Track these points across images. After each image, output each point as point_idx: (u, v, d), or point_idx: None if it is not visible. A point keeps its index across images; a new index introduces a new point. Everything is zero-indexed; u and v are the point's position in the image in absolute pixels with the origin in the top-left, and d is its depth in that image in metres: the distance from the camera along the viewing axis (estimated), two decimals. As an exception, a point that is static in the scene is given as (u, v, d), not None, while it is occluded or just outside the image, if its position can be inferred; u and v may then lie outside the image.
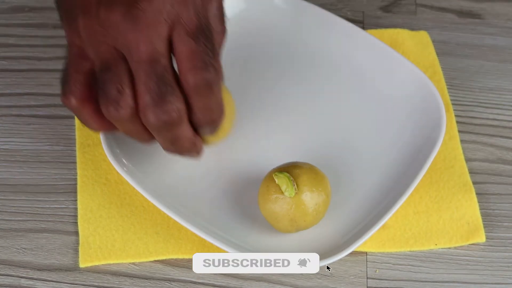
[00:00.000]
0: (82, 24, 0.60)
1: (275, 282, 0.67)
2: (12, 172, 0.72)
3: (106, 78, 0.59)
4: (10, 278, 0.66)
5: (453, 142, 0.74)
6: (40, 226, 0.69)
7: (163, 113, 0.59)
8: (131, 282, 0.66)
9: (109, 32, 0.59)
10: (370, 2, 0.86)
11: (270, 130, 0.74)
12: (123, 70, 0.59)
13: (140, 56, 0.59)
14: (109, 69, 0.59)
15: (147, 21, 0.58)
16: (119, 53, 0.60)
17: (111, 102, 0.59)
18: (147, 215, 0.69)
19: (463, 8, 0.86)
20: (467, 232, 0.69)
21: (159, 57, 0.59)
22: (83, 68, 0.61)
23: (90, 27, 0.60)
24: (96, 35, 0.59)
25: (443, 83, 0.79)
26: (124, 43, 0.59)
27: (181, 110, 0.60)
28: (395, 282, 0.67)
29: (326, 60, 0.78)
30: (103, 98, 0.60)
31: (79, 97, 0.61)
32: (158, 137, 0.62)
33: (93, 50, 0.60)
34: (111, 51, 0.60)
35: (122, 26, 0.58)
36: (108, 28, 0.59)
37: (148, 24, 0.58)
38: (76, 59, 0.61)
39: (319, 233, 0.68)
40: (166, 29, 0.59)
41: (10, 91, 0.77)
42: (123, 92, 0.59)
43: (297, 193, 0.66)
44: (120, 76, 0.59)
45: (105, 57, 0.60)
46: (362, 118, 0.75)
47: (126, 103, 0.59)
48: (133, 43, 0.59)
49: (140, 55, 0.59)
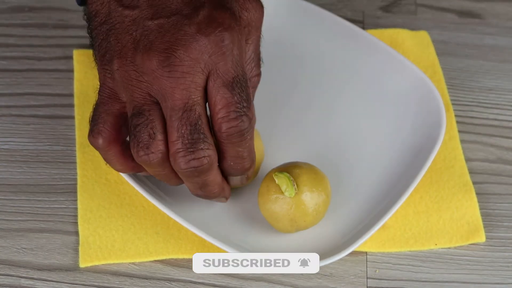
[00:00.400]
0: (117, 67, 0.61)
1: (275, 282, 0.67)
2: (12, 172, 0.72)
3: (138, 122, 0.60)
4: (10, 278, 0.66)
5: (453, 142, 0.74)
6: (40, 226, 0.69)
7: (194, 160, 0.60)
8: (131, 282, 0.66)
9: (144, 78, 0.60)
10: (370, 2, 0.86)
11: (270, 130, 0.74)
12: (156, 116, 0.60)
13: (175, 103, 0.59)
14: (142, 114, 0.60)
15: (184, 69, 0.59)
16: (153, 99, 0.60)
17: (141, 146, 0.60)
18: (147, 215, 0.69)
19: (463, 8, 0.86)
20: (467, 232, 0.69)
21: (193, 105, 0.60)
22: (113, 110, 0.62)
23: (125, 71, 0.60)
24: (130, 79, 0.60)
25: (443, 83, 0.79)
26: (159, 89, 0.60)
27: (212, 157, 0.61)
28: (395, 282, 0.67)
29: (325, 60, 0.78)
30: (134, 142, 0.61)
31: (106, 138, 0.62)
32: (187, 182, 0.63)
33: (127, 94, 0.61)
34: (145, 97, 0.60)
35: (158, 73, 0.59)
36: (143, 74, 0.60)
37: (184, 73, 0.59)
38: (107, 100, 0.62)
39: (319, 233, 0.68)
40: (203, 78, 0.60)
41: (10, 91, 0.77)
42: (155, 137, 0.60)
43: (297, 193, 0.66)
44: (153, 121, 0.60)
45: (138, 102, 0.60)
46: (362, 118, 0.75)
47: (157, 148, 0.60)
48: (168, 90, 0.59)
49: (175, 102, 0.59)
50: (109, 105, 0.62)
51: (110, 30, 0.61)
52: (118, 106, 0.62)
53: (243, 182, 0.66)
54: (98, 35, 0.62)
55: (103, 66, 0.62)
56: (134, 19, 0.61)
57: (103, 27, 0.62)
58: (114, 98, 0.62)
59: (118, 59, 0.61)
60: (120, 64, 0.61)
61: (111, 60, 0.61)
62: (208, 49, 0.59)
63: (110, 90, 0.62)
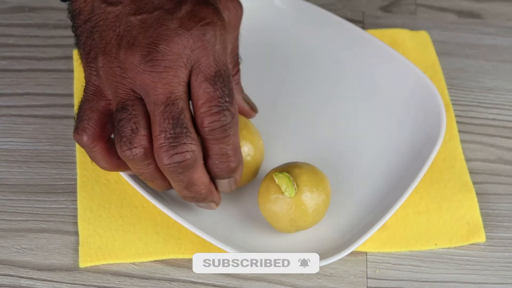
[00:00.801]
0: (101, 64, 0.61)
1: (275, 282, 0.67)
2: (12, 172, 0.72)
3: (122, 117, 0.60)
4: (10, 278, 0.66)
5: (453, 142, 0.74)
6: (40, 226, 0.69)
7: (177, 155, 0.60)
8: (131, 282, 0.66)
9: (128, 74, 0.60)
10: (370, 2, 0.86)
11: (270, 130, 0.74)
12: (139, 111, 0.60)
13: (157, 98, 0.59)
14: (125, 109, 0.60)
15: (166, 64, 0.59)
16: (136, 95, 0.60)
17: (124, 141, 0.60)
18: (147, 215, 0.69)
19: (463, 8, 0.86)
20: (467, 232, 0.69)
21: (176, 99, 0.60)
22: (98, 107, 0.62)
23: (109, 68, 0.60)
24: (115, 75, 0.60)
25: (443, 83, 0.79)
26: (142, 84, 0.60)
27: (196, 152, 0.60)
28: (395, 282, 0.67)
29: (325, 60, 0.78)
30: (117, 137, 0.61)
31: (91, 135, 0.62)
32: (172, 180, 0.62)
33: (111, 90, 0.61)
34: (128, 92, 0.60)
35: (141, 67, 0.59)
36: (126, 70, 0.60)
37: (167, 67, 0.59)
38: (92, 97, 0.62)
39: (319, 233, 0.68)
40: (185, 73, 0.60)
41: (10, 91, 0.77)
42: (137, 132, 0.60)
43: (297, 193, 0.66)
44: (136, 116, 0.60)
45: (122, 97, 0.60)
46: (362, 118, 0.75)
47: (139, 143, 0.60)
48: (151, 85, 0.59)
49: (158, 97, 0.59)
50: (94, 102, 0.62)
51: (94, 27, 0.61)
52: (104, 103, 0.62)
53: (232, 187, 0.65)
54: (82, 33, 0.62)
55: (88, 64, 0.62)
56: (117, 15, 0.60)
57: (87, 25, 0.61)
58: (99, 95, 0.62)
59: (102, 56, 0.61)
60: (105, 61, 0.60)
61: (95, 58, 0.61)
62: (190, 44, 0.59)
63: (95, 88, 0.62)
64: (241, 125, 0.68)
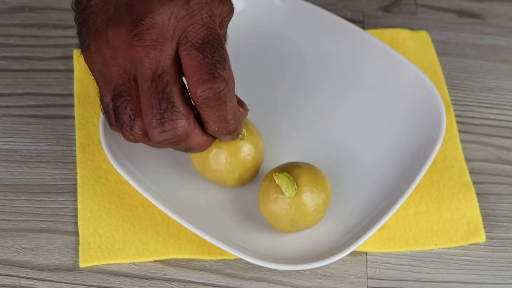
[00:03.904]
0: (93, 49, 0.60)
1: (275, 282, 0.67)
2: (12, 172, 0.72)
3: (118, 104, 0.60)
4: (10, 278, 0.66)
5: (453, 142, 0.74)
6: (40, 226, 0.69)
7: (165, 132, 0.60)
8: (131, 282, 0.66)
9: (118, 53, 0.59)
10: (370, 2, 0.86)
11: (270, 130, 0.74)
12: (134, 93, 0.60)
13: (145, 72, 0.59)
14: (120, 95, 0.60)
15: (152, 37, 0.59)
16: (129, 75, 0.60)
17: (125, 127, 0.61)
18: (147, 215, 0.69)
19: (463, 8, 0.86)
20: (467, 232, 0.69)
21: (162, 73, 0.59)
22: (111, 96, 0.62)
23: (100, 51, 0.60)
24: (106, 58, 0.60)
25: (443, 83, 0.79)
26: (131, 60, 0.59)
27: (185, 128, 0.60)
28: (395, 282, 0.67)
29: (325, 60, 0.78)
30: (118, 124, 0.61)
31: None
32: (173, 148, 0.63)
33: (106, 74, 0.61)
34: (121, 75, 0.60)
35: (129, 43, 0.59)
36: (116, 49, 0.59)
37: (153, 40, 0.59)
38: (104, 87, 0.62)
39: (319, 233, 0.68)
40: (172, 45, 0.59)
41: (10, 91, 0.77)
42: (135, 118, 0.60)
43: (297, 193, 0.66)
44: (131, 101, 0.60)
45: (116, 81, 0.60)
46: (362, 118, 0.75)
47: (139, 128, 0.60)
48: (138, 60, 0.59)
49: (145, 71, 0.59)
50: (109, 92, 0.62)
51: (90, 14, 0.61)
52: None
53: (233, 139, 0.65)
54: (81, 21, 0.62)
55: (84, 53, 0.61)
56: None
57: (85, 13, 0.61)
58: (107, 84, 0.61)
59: (93, 41, 0.60)
60: (96, 46, 0.60)
61: (89, 45, 0.61)
62: (175, 13, 0.58)
63: (101, 77, 0.61)
64: None
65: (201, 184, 0.71)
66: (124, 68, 0.60)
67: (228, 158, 0.68)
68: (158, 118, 0.59)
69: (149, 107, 0.59)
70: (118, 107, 0.60)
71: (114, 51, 0.59)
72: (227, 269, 0.67)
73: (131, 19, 0.59)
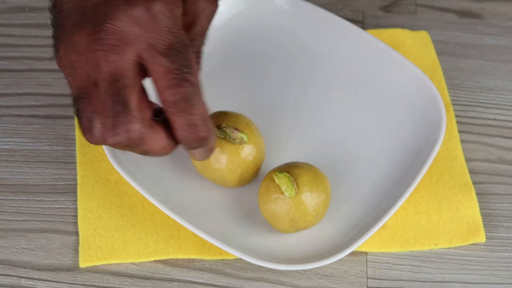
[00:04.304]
0: (62, 53, 0.60)
1: (275, 282, 0.67)
2: (12, 172, 0.72)
3: (79, 107, 0.60)
4: (10, 278, 0.66)
5: (453, 142, 0.74)
6: (40, 226, 0.69)
7: (118, 135, 0.59)
8: (131, 282, 0.66)
9: (81, 57, 0.59)
10: (370, 2, 0.86)
11: (270, 130, 0.74)
12: (94, 98, 0.59)
13: (103, 76, 0.59)
14: (80, 97, 0.60)
15: (112, 42, 0.58)
16: (91, 79, 0.59)
17: (86, 131, 0.60)
18: (147, 215, 0.69)
19: (463, 8, 0.86)
20: (467, 232, 0.69)
21: (120, 77, 0.59)
22: None
23: (67, 55, 0.60)
24: (72, 62, 0.60)
25: (443, 83, 0.79)
26: (92, 64, 0.59)
27: (138, 132, 0.59)
28: (395, 282, 0.67)
29: (325, 60, 0.78)
30: (80, 126, 0.60)
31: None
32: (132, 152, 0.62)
33: (71, 78, 0.60)
34: (84, 78, 0.60)
35: (89, 47, 0.59)
36: (79, 53, 0.59)
37: (113, 45, 0.58)
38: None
39: (319, 233, 0.68)
40: (133, 50, 0.59)
41: (10, 91, 0.77)
42: (93, 121, 0.59)
43: (297, 193, 0.66)
44: (90, 104, 0.59)
45: (79, 84, 0.60)
46: (362, 118, 0.75)
47: (97, 131, 0.59)
48: (98, 64, 0.59)
49: (103, 75, 0.59)
50: None
51: (63, 18, 0.61)
52: None
53: (206, 155, 0.64)
54: (55, 25, 0.61)
55: (56, 56, 0.61)
56: (76, 2, 0.60)
57: (59, 16, 0.61)
58: None
59: (62, 45, 0.60)
60: (64, 49, 0.60)
61: (58, 48, 0.61)
62: (137, 20, 0.58)
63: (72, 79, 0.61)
64: (243, 125, 0.68)
65: (201, 184, 0.71)
66: (87, 72, 0.59)
67: (230, 158, 0.68)
68: (112, 120, 0.59)
69: (103, 109, 0.59)
70: (78, 109, 0.60)
71: (79, 55, 0.59)
72: (227, 269, 0.67)
73: (93, 23, 0.59)
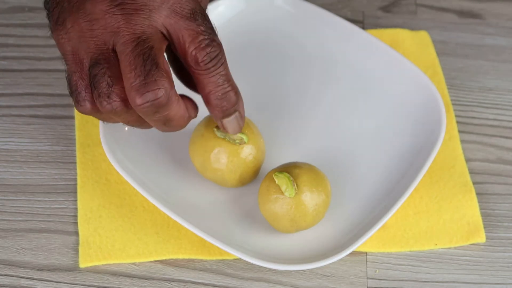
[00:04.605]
0: (70, 24, 0.60)
1: (275, 282, 0.67)
2: (12, 172, 0.72)
3: (96, 72, 0.59)
4: (10, 278, 0.66)
5: (453, 142, 0.74)
6: (40, 226, 0.69)
7: (149, 92, 0.59)
8: (131, 282, 0.66)
9: (97, 25, 0.59)
10: (370, 2, 0.86)
11: (270, 130, 0.74)
12: (113, 63, 0.59)
13: (128, 38, 0.59)
14: (98, 63, 0.59)
15: (136, 7, 0.59)
16: (108, 46, 0.60)
17: (103, 96, 0.60)
18: (147, 215, 0.69)
19: (463, 8, 0.86)
20: (467, 232, 0.69)
21: (146, 39, 0.59)
22: (85, 71, 0.61)
23: (78, 25, 0.60)
24: (83, 32, 0.60)
25: (443, 83, 0.79)
26: (112, 29, 0.59)
27: (168, 89, 0.59)
28: (395, 282, 0.67)
29: (326, 61, 0.78)
30: (95, 93, 0.60)
31: (93, 100, 0.61)
32: (150, 120, 0.61)
33: (84, 49, 0.60)
34: (100, 45, 0.60)
35: (111, 11, 0.59)
36: (95, 20, 0.59)
37: (137, 10, 0.59)
38: (75, 66, 0.61)
39: (319, 233, 0.68)
40: (156, 16, 0.59)
41: (10, 91, 0.77)
42: (114, 85, 0.59)
43: (297, 193, 0.66)
44: (110, 69, 0.59)
45: (94, 52, 0.60)
46: (362, 118, 0.75)
47: (118, 95, 0.59)
48: (121, 27, 0.59)
49: (128, 37, 0.59)
50: (79, 70, 0.61)
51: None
52: (87, 65, 0.61)
53: (240, 123, 0.65)
54: (51, 4, 0.61)
55: (58, 31, 0.61)
56: None
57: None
58: (80, 62, 0.61)
59: (69, 17, 0.60)
60: (73, 20, 0.60)
61: (64, 21, 0.60)
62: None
63: (73, 55, 0.61)
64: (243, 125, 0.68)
65: (201, 184, 0.71)
66: (104, 39, 0.59)
67: (230, 158, 0.68)
68: (142, 79, 0.58)
69: (131, 69, 0.58)
70: (96, 75, 0.59)
71: (93, 23, 0.59)
72: (227, 269, 0.67)
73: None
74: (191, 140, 0.69)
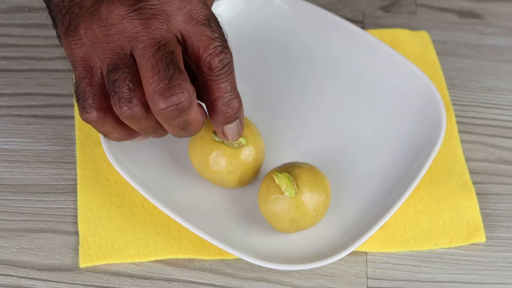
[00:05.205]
0: (83, 30, 0.60)
1: (275, 282, 0.67)
2: (12, 172, 0.72)
3: (115, 77, 0.59)
4: (10, 278, 0.66)
5: (453, 142, 0.74)
6: (40, 226, 0.69)
7: (173, 96, 0.59)
8: (131, 282, 0.66)
9: (113, 30, 0.59)
10: (370, 2, 0.86)
11: (270, 130, 0.74)
12: (132, 68, 0.59)
13: (148, 42, 0.59)
14: (117, 68, 0.59)
15: (154, 12, 0.59)
16: (125, 51, 0.59)
17: (123, 101, 0.59)
18: (147, 215, 0.69)
19: (463, 8, 0.86)
20: (467, 232, 0.69)
21: (167, 43, 0.59)
22: (95, 79, 0.61)
23: (92, 31, 0.60)
24: (98, 38, 0.60)
25: (443, 83, 0.79)
26: (131, 34, 0.59)
27: (190, 92, 0.59)
28: (395, 282, 0.67)
29: (326, 61, 0.78)
30: (114, 99, 0.60)
31: (101, 109, 0.61)
32: (169, 125, 0.61)
33: (98, 54, 0.60)
34: (117, 50, 0.59)
35: (129, 16, 0.59)
36: (111, 26, 0.59)
37: (155, 14, 0.59)
38: (85, 72, 0.61)
39: (319, 233, 0.68)
40: (174, 21, 0.60)
41: (10, 91, 0.77)
42: (135, 90, 0.59)
43: (297, 193, 0.66)
44: (130, 73, 0.59)
45: (111, 57, 0.60)
46: (362, 118, 0.75)
47: (140, 100, 0.59)
48: (140, 31, 0.59)
49: (148, 41, 0.59)
50: (88, 76, 0.61)
51: (71, 1, 0.61)
52: (99, 74, 0.61)
53: (240, 130, 0.65)
54: (60, 11, 0.61)
55: (69, 38, 0.61)
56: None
57: (65, 2, 0.61)
58: (90, 68, 0.61)
59: (83, 23, 0.60)
60: (87, 27, 0.60)
61: (76, 27, 0.60)
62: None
63: (83, 61, 0.61)
64: None
65: (201, 184, 0.71)
66: (121, 44, 0.59)
67: (229, 160, 0.68)
68: (166, 82, 0.58)
69: (154, 74, 0.58)
70: (116, 80, 0.59)
71: (109, 28, 0.59)
72: (227, 269, 0.67)
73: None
74: (190, 142, 0.69)
